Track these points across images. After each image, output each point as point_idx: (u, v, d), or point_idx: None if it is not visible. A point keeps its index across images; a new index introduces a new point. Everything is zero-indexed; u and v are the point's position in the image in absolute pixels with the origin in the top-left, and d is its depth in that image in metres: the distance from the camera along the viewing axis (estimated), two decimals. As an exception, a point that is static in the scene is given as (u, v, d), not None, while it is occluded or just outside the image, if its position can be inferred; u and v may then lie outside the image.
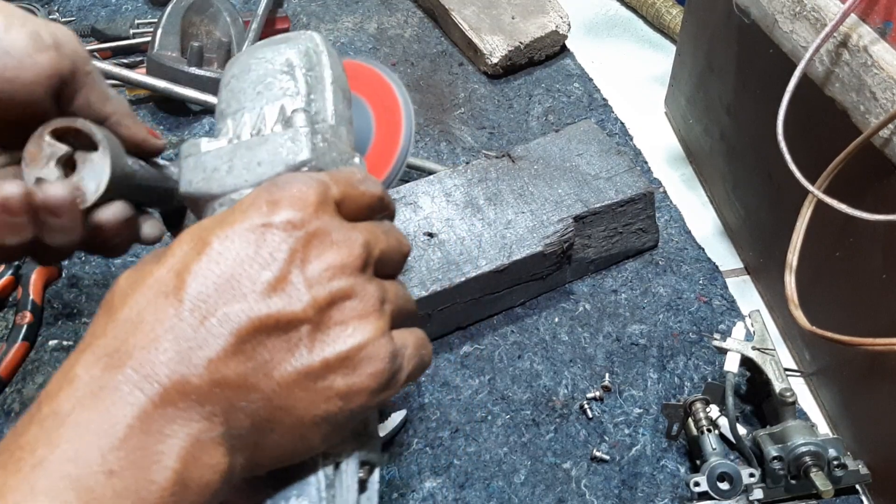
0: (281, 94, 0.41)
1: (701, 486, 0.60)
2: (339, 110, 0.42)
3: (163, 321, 0.30)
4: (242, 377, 0.30)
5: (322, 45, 0.43)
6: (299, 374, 0.31)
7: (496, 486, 0.65)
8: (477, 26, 1.06)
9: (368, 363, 0.32)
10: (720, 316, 0.77)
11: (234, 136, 0.40)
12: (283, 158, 0.37)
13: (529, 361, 0.74)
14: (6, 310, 0.77)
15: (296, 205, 0.33)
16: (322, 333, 0.32)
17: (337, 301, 0.32)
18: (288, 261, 0.32)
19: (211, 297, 0.30)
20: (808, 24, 0.64)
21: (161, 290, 0.31)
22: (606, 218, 0.78)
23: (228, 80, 0.43)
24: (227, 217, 0.33)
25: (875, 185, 0.59)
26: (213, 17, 1.01)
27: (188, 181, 0.38)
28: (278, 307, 0.31)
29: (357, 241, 0.34)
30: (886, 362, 0.61)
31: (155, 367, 0.29)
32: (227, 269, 0.31)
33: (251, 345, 0.30)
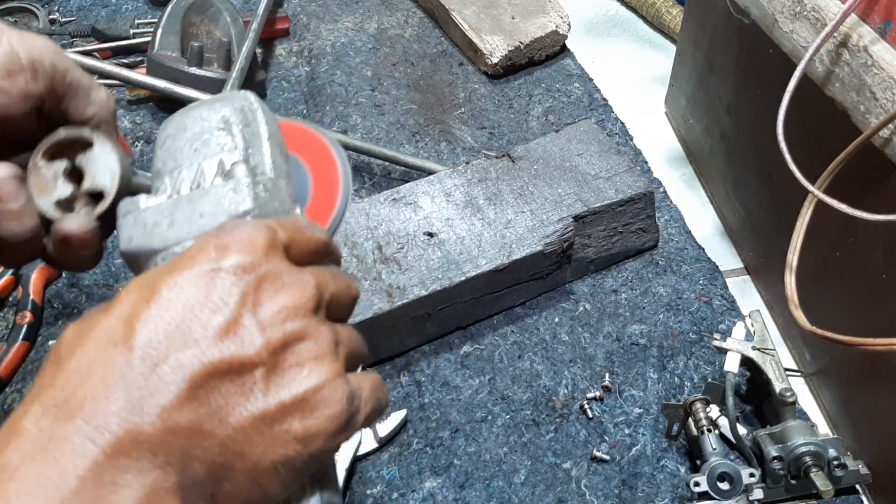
0: (219, 150, 0.41)
1: (701, 486, 0.60)
2: (277, 164, 0.42)
3: (112, 370, 0.29)
4: (196, 424, 0.30)
5: (256, 103, 0.43)
6: (255, 419, 0.31)
7: (496, 486, 0.65)
8: (477, 26, 1.06)
9: (325, 405, 0.32)
10: (720, 316, 0.77)
11: (173, 192, 0.40)
12: (226, 209, 0.37)
13: (529, 361, 0.74)
14: (6, 310, 0.77)
15: (245, 249, 0.32)
16: (277, 376, 0.31)
17: (291, 343, 0.32)
18: (239, 304, 0.31)
19: (162, 343, 0.30)
20: (808, 24, 0.64)
21: (110, 339, 0.30)
22: (606, 218, 0.78)
23: (164, 140, 0.43)
24: (176, 264, 0.32)
25: (875, 185, 0.59)
26: (213, 17, 1.01)
27: (128, 238, 0.38)
28: (231, 351, 0.30)
29: (308, 283, 0.33)
30: (886, 362, 0.61)
31: (106, 416, 0.29)
32: (177, 315, 0.30)
33: (204, 390, 0.30)
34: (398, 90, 1.03)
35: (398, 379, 0.72)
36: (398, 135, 0.97)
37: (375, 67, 1.06)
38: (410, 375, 0.73)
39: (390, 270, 0.71)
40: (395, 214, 0.75)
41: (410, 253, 0.72)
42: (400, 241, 0.73)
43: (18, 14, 1.13)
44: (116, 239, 0.40)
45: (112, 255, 0.82)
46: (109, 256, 0.82)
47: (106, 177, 0.41)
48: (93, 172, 0.42)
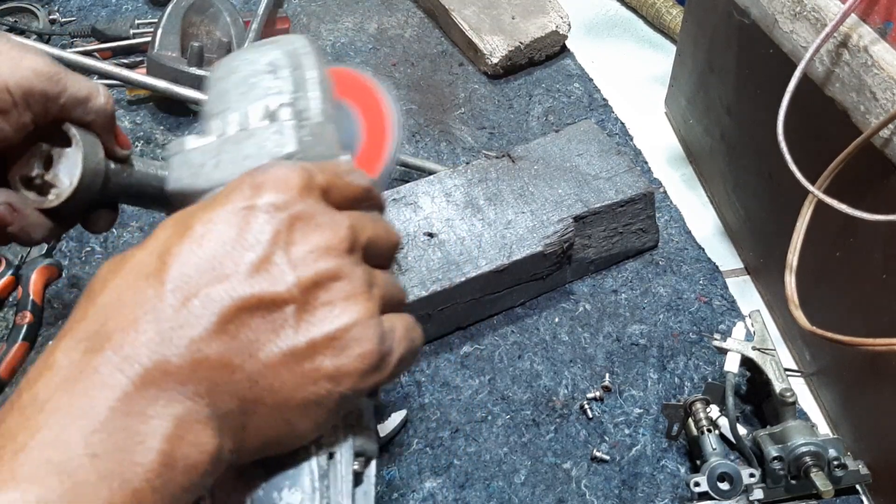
0: (265, 94, 0.41)
1: (701, 486, 0.60)
2: (325, 109, 0.42)
3: (143, 303, 0.30)
4: (226, 357, 0.30)
5: (307, 47, 0.43)
6: (285, 355, 0.31)
7: (496, 486, 0.65)
8: (477, 26, 1.06)
9: (357, 344, 0.32)
10: (720, 316, 0.77)
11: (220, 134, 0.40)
12: (270, 151, 0.37)
13: (529, 361, 0.74)
14: (6, 310, 0.77)
15: (279, 187, 0.32)
16: (308, 314, 0.31)
17: (323, 282, 0.32)
18: (271, 242, 0.31)
19: (193, 278, 0.30)
20: (808, 24, 0.64)
21: (142, 273, 0.30)
22: (606, 218, 0.78)
23: (214, 82, 0.43)
24: (211, 202, 0.32)
25: (875, 185, 0.59)
26: (213, 17, 1.01)
27: (176, 178, 0.38)
28: (262, 287, 0.30)
29: (343, 224, 0.33)
30: (886, 362, 0.61)
31: (135, 348, 0.29)
32: (209, 251, 0.31)
33: (234, 325, 0.30)
34: (398, 90, 1.03)
35: (398, 379, 0.72)
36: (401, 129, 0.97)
37: (375, 67, 1.06)
38: (410, 375, 0.73)
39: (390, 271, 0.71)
40: (395, 215, 0.75)
41: (410, 253, 0.72)
42: (400, 242, 0.73)
43: (18, 14, 1.13)
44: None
45: (112, 256, 0.82)
46: (109, 256, 0.82)
47: (65, 179, 0.42)
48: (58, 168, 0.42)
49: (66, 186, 0.42)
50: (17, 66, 0.40)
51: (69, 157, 0.42)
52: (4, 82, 0.39)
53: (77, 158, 0.42)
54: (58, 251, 0.82)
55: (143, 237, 0.84)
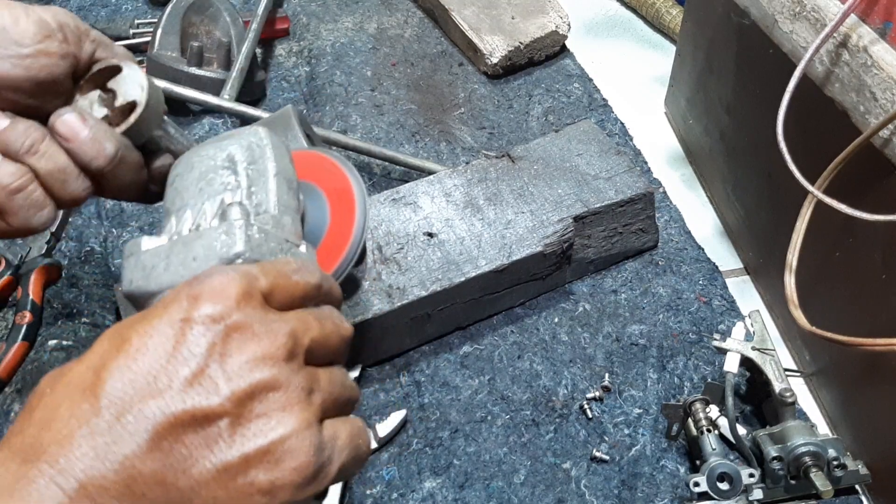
0: (222, 189, 0.41)
1: (701, 486, 0.60)
2: (282, 200, 0.42)
3: (78, 417, 0.30)
4: (159, 475, 0.30)
5: (266, 139, 0.44)
6: (218, 471, 0.30)
7: (496, 486, 0.65)
8: (477, 26, 1.06)
9: (290, 457, 0.31)
10: (720, 316, 0.77)
11: (175, 233, 0.40)
12: (217, 252, 0.37)
13: (529, 361, 0.74)
14: (6, 310, 0.77)
15: (216, 298, 0.32)
16: (242, 427, 0.31)
17: (258, 393, 0.31)
18: (206, 355, 0.31)
19: (128, 394, 0.30)
20: (808, 25, 0.64)
21: (77, 387, 0.31)
22: (606, 218, 0.78)
23: (173, 178, 0.44)
24: (149, 313, 0.32)
25: (875, 186, 0.59)
26: (213, 17, 1.01)
27: (129, 280, 0.39)
28: (195, 402, 0.30)
29: (281, 331, 0.33)
30: (886, 362, 0.61)
31: (70, 462, 0.29)
32: (144, 365, 0.31)
33: (168, 441, 0.30)
34: (398, 90, 1.03)
35: (398, 379, 0.72)
36: (398, 135, 0.97)
37: (375, 67, 1.06)
38: (410, 375, 0.73)
39: (390, 271, 0.71)
40: (395, 215, 0.75)
41: (410, 253, 0.72)
42: (400, 242, 0.73)
43: (18, 14, 1.13)
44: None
45: (111, 255, 0.82)
46: (109, 256, 0.82)
47: (136, 90, 0.45)
48: (123, 90, 0.45)
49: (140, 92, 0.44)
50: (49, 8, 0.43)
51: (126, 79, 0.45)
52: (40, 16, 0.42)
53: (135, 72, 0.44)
54: (57, 251, 0.82)
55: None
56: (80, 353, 0.73)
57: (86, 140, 0.43)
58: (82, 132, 0.43)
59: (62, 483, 0.29)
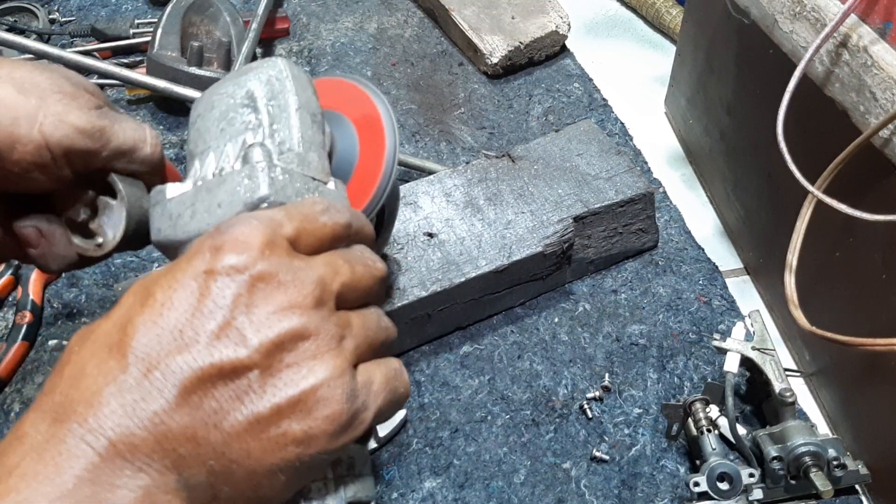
0: (243, 129, 0.40)
1: (701, 486, 0.60)
2: (306, 136, 0.40)
3: (105, 375, 0.30)
4: (190, 430, 0.30)
5: (286, 71, 0.42)
6: (250, 423, 0.30)
7: (496, 486, 0.65)
8: (477, 26, 1.06)
9: (324, 405, 0.31)
10: (720, 316, 0.77)
11: (198, 178, 0.39)
12: (241, 197, 0.36)
13: (529, 361, 0.74)
14: (6, 309, 0.77)
15: (238, 248, 0.32)
16: (273, 378, 0.31)
17: (287, 343, 0.31)
18: (231, 307, 0.31)
19: (154, 349, 0.30)
20: (808, 25, 0.64)
21: (105, 344, 0.31)
22: (606, 218, 0.78)
23: (194, 119, 0.42)
24: (172, 267, 0.32)
25: (875, 186, 0.59)
26: (213, 16, 1.01)
27: (157, 229, 0.38)
28: (223, 355, 0.30)
29: (308, 278, 0.32)
30: (886, 362, 0.61)
31: (99, 420, 0.29)
32: (170, 320, 0.30)
33: (197, 396, 0.30)
34: (398, 90, 1.03)
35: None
36: (398, 134, 0.96)
37: (375, 67, 1.06)
38: (410, 375, 0.73)
39: (390, 271, 0.71)
40: (395, 214, 0.75)
41: (410, 253, 0.72)
42: (400, 242, 0.73)
43: (18, 14, 1.13)
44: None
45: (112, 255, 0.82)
46: (109, 256, 0.82)
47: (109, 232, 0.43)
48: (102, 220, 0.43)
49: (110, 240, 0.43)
50: (61, 123, 0.40)
51: (114, 210, 0.43)
52: (45, 140, 0.39)
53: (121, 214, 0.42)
54: (57, 251, 0.81)
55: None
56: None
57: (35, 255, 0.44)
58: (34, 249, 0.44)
59: (92, 442, 0.28)
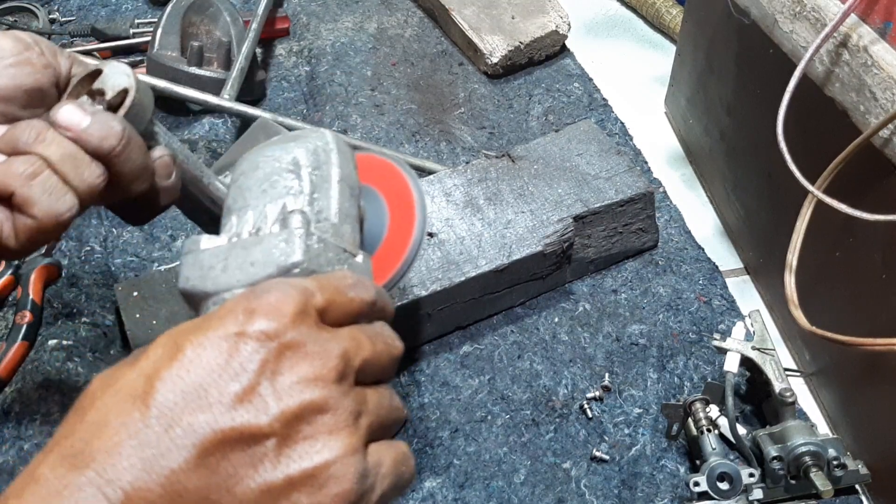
0: (285, 193, 0.41)
1: (701, 485, 0.60)
2: (343, 209, 0.42)
3: (128, 426, 0.30)
4: (203, 491, 0.30)
5: (332, 143, 0.44)
6: (262, 492, 0.30)
7: (496, 486, 0.65)
8: (477, 26, 1.06)
9: (335, 483, 0.31)
10: (720, 316, 0.77)
11: (234, 235, 0.40)
12: (276, 260, 0.37)
13: (529, 361, 0.74)
14: (6, 309, 0.77)
15: (271, 314, 0.32)
16: (288, 448, 0.31)
17: (307, 415, 0.31)
18: (258, 372, 0.31)
19: (178, 405, 0.30)
20: (808, 24, 0.64)
21: (129, 394, 0.31)
22: (606, 218, 0.78)
23: (237, 176, 0.44)
24: (204, 323, 0.32)
25: (875, 185, 0.59)
26: (213, 16, 1.01)
27: (185, 278, 0.39)
28: (244, 420, 0.30)
29: (334, 351, 0.33)
30: (886, 362, 0.61)
31: (118, 472, 0.29)
32: (197, 377, 0.31)
33: (215, 458, 0.30)
34: (398, 90, 1.03)
35: (397, 379, 0.72)
36: (398, 135, 0.97)
37: (375, 67, 1.06)
38: (410, 375, 0.73)
39: (390, 270, 0.71)
40: (395, 214, 0.75)
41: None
42: (400, 241, 0.73)
43: (18, 14, 1.13)
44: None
45: (111, 255, 0.82)
46: (109, 256, 0.82)
47: (122, 79, 0.45)
48: (111, 83, 0.45)
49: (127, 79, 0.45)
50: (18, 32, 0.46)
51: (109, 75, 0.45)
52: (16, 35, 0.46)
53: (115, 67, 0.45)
54: (57, 251, 0.82)
55: (142, 237, 0.84)
56: (81, 353, 0.73)
57: (89, 127, 0.42)
58: (84, 120, 0.42)
59: (109, 493, 0.29)
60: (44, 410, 0.69)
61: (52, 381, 0.71)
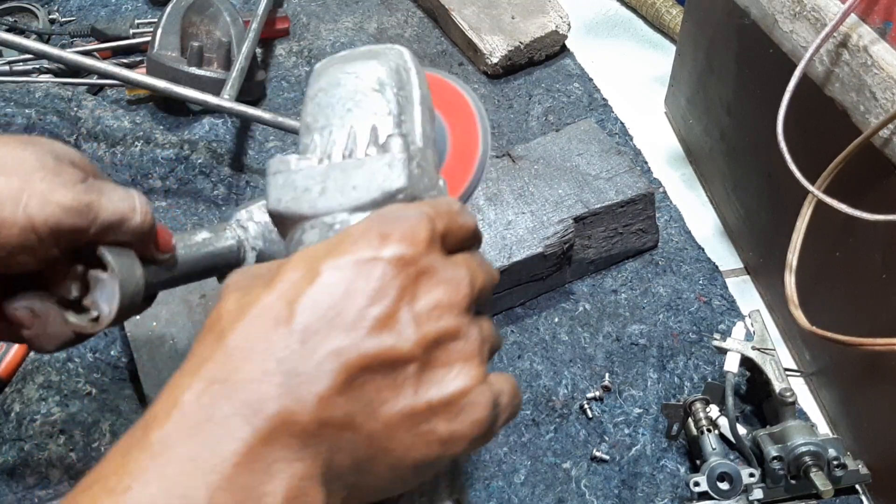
0: (372, 113, 0.40)
1: (701, 485, 0.60)
2: (426, 131, 0.41)
3: (273, 352, 0.30)
4: (349, 416, 0.30)
5: (411, 63, 0.42)
6: (404, 416, 0.31)
7: (496, 486, 0.65)
8: (477, 26, 1.06)
9: (471, 410, 0.32)
10: (720, 316, 0.77)
11: (324, 155, 0.39)
12: (380, 185, 0.36)
13: (529, 361, 0.74)
14: (6, 310, 0.77)
15: (406, 240, 0.32)
16: (428, 374, 0.31)
17: (443, 340, 0.32)
18: (397, 297, 0.31)
19: (321, 329, 0.30)
20: (808, 24, 0.64)
21: (271, 318, 0.30)
22: (606, 218, 0.78)
23: (315, 92, 0.42)
24: (338, 246, 0.32)
25: (875, 185, 0.59)
26: (213, 16, 1.01)
27: (277, 199, 0.38)
28: (387, 344, 0.30)
29: (464, 279, 0.33)
30: (886, 362, 0.61)
31: (264, 400, 0.29)
32: (337, 300, 0.30)
33: (359, 382, 0.30)
34: (398, 90, 1.03)
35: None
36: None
37: (375, 67, 1.06)
38: (410, 375, 0.73)
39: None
40: (395, 214, 0.75)
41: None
42: (400, 241, 0.73)
43: (18, 14, 1.13)
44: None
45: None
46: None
47: (104, 307, 0.42)
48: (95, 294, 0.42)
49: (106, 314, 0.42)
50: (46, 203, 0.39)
51: (106, 284, 0.42)
52: (31, 221, 0.38)
53: (114, 287, 0.42)
54: (58, 251, 0.81)
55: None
56: (81, 354, 0.72)
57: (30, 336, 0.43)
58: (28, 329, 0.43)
59: (257, 423, 0.28)
60: (43, 411, 0.69)
61: (52, 382, 0.71)
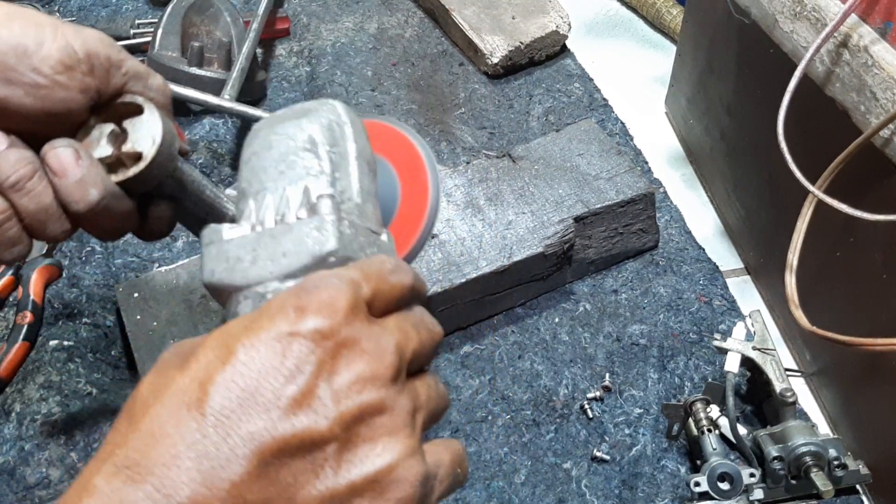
0: (304, 174, 0.39)
1: (701, 486, 0.60)
2: (364, 186, 0.40)
3: (185, 436, 0.29)
4: (266, 502, 0.29)
5: (345, 116, 0.42)
6: (323, 499, 0.29)
7: (496, 486, 0.65)
8: (477, 26, 1.06)
9: (397, 487, 0.30)
10: (720, 316, 0.77)
11: (256, 222, 0.39)
12: (309, 249, 0.35)
13: (530, 361, 0.74)
14: (6, 310, 0.77)
15: (324, 312, 0.31)
16: (349, 452, 0.30)
17: (365, 416, 0.30)
18: (314, 374, 0.30)
19: (234, 411, 0.29)
20: (809, 24, 0.64)
21: (184, 402, 0.30)
22: (607, 218, 0.78)
23: (248, 156, 0.42)
24: (254, 323, 0.31)
25: (875, 185, 0.59)
26: (213, 17, 1.01)
27: (210, 270, 0.37)
28: (303, 425, 0.29)
29: (388, 348, 0.32)
30: (886, 362, 0.61)
31: (176, 486, 0.28)
32: (251, 381, 0.30)
33: (275, 466, 0.29)
34: (398, 90, 1.03)
35: None
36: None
37: (376, 67, 1.06)
38: (411, 375, 0.73)
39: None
40: (396, 214, 0.75)
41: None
42: (400, 242, 0.73)
43: (19, 14, 1.12)
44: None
45: (112, 256, 0.82)
46: (110, 256, 0.82)
47: (147, 141, 0.43)
48: (135, 136, 0.43)
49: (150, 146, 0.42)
50: (81, 32, 0.41)
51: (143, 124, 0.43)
52: (68, 41, 0.40)
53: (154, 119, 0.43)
54: (58, 251, 0.82)
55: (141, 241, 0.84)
56: (81, 354, 0.73)
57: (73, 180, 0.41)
58: (72, 172, 0.41)
59: None
60: (44, 410, 0.69)
61: (53, 382, 0.71)
